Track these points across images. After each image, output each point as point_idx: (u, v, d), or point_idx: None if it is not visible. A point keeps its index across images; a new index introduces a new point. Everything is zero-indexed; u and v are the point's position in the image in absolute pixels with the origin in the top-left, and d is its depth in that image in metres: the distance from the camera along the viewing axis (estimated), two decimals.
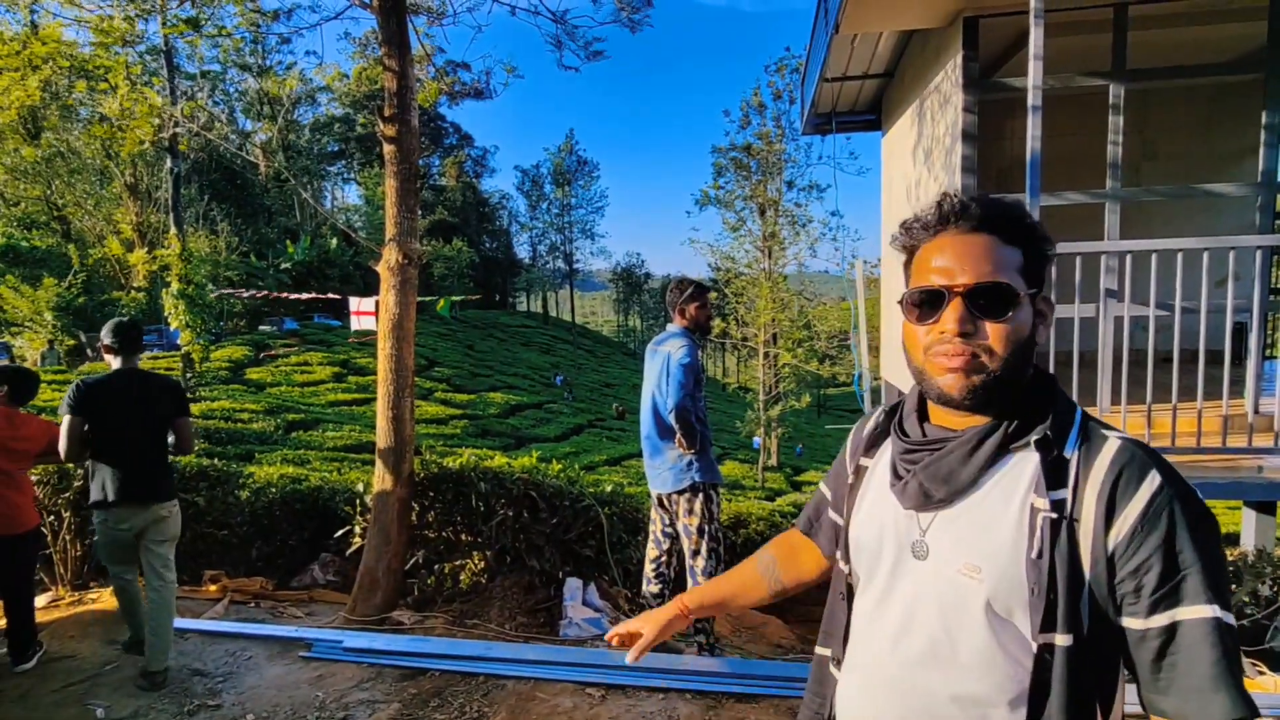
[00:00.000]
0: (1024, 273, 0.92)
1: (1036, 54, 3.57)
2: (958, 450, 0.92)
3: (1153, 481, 0.84)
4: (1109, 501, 0.84)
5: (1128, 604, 0.84)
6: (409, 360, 4.31)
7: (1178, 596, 0.81)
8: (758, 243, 28.47)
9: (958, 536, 0.91)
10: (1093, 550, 0.85)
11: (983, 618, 0.88)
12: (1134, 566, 0.83)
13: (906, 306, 0.96)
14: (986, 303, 0.89)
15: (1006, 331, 0.89)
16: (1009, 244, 0.92)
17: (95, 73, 5.67)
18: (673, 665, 3.40)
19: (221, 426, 14.58)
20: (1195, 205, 6.35)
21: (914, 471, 0.95)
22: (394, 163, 4.15)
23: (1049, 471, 0.87)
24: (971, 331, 0.90)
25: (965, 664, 0.90)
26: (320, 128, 51.56)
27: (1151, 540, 0.82)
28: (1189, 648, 0.80)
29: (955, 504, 0.92)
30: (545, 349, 49.05)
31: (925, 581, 0.94)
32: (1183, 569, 0.81)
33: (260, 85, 41.79)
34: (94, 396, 3.40)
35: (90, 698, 3.28)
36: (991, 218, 0.92)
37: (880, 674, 0.98)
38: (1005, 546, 0.87)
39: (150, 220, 30.10)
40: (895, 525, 0.98)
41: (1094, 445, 0.89)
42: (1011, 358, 0.90)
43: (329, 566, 5.10)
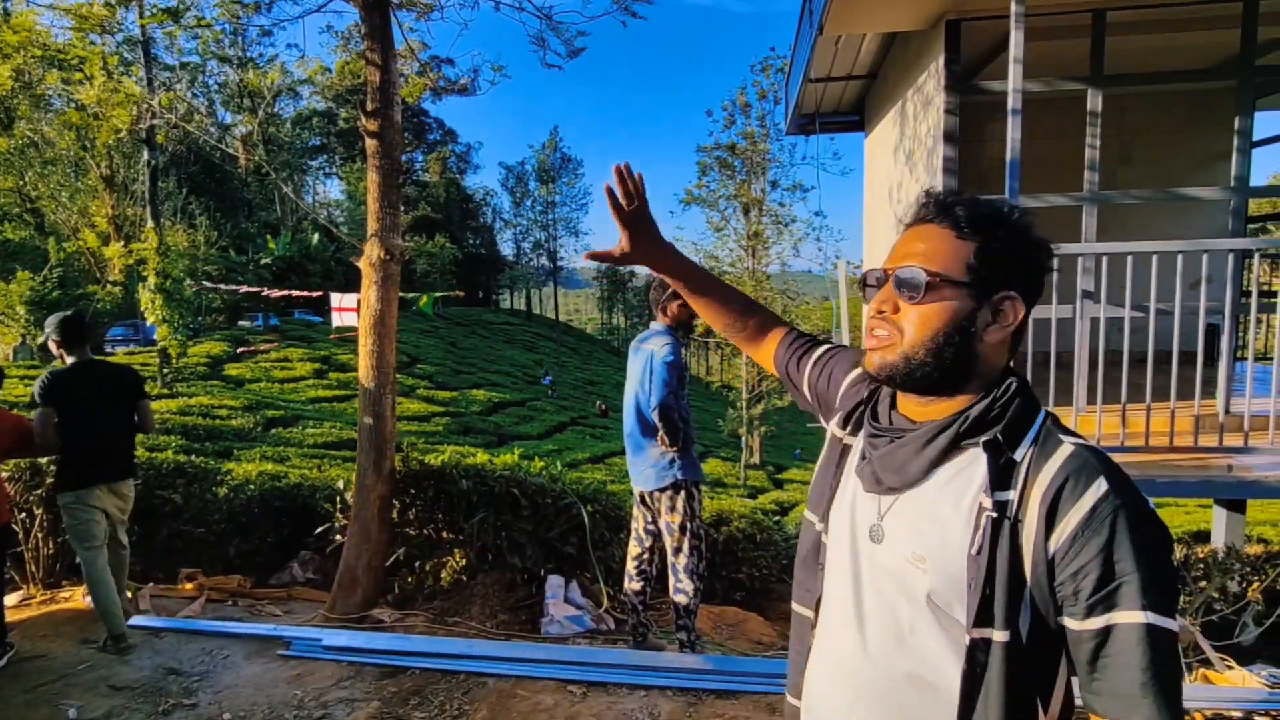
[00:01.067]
0: (975, 267, 0.92)
1: (1017, 57, 3.62)
2: (911, 444, 0.95)
3: (1098, 489, 0.84)
4: (1051, 506, 0.86)
5: (1067, 606, 0.86)
6: (391, 357, 4.28)
7: (1113, 601, 0.82)
8: (742, 242, 28.58)
9: (909, 526, 0.94)
10: (1034, 552, 0.86)
11: (925, 607, 0.91)
12: (1073, 570, 0.84)
13: (865, 289, 1.01)
14: (906, 286, 0.93)
15: (922, 315, 0.92)
16: (962, 238, 0.93)
17: (70, 62, 5.56)
18: (653, 663, 3.41)
19: (199, 423, 14.38)
20: (1170, 209, 6.46)
21: (871, 458, 1.00)
22: (376, 158, 4.12)
23: (997, 473, 0.89)
24: (886, 311, 0.95)
25: (914, 646, 0.93)
26: (302, 121, 50.95)
27: (1091, 546, 0.83)
28: (1120, 652, 0.82)
29: (907, 493, 0.96)
30: (529, 346, 48.87)
31: (880, 565, 0.97)
32: (1119, 576, 0.82)
33: (240, 77, 41.24)
34: (61, 387, 3.61)
35: (62, 698, 3.22)
36: (949, 210, 0.94)
37: (839, 655, 1.02)
38: (951, 541, 0.90)
39: (127, 213, 29.58)
40: (859, 506, 1.02)
41: (1047, 449, 0.90)
42: (928, 342, 0.92)
43: (308, 564, 5.06)
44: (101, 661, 3.55)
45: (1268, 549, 4.14)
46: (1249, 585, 3.91)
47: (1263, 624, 3.79)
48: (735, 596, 5.18)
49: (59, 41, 5.61)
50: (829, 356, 1.26)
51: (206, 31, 4.61)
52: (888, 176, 6.50)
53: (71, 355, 3.70)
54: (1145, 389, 3.66)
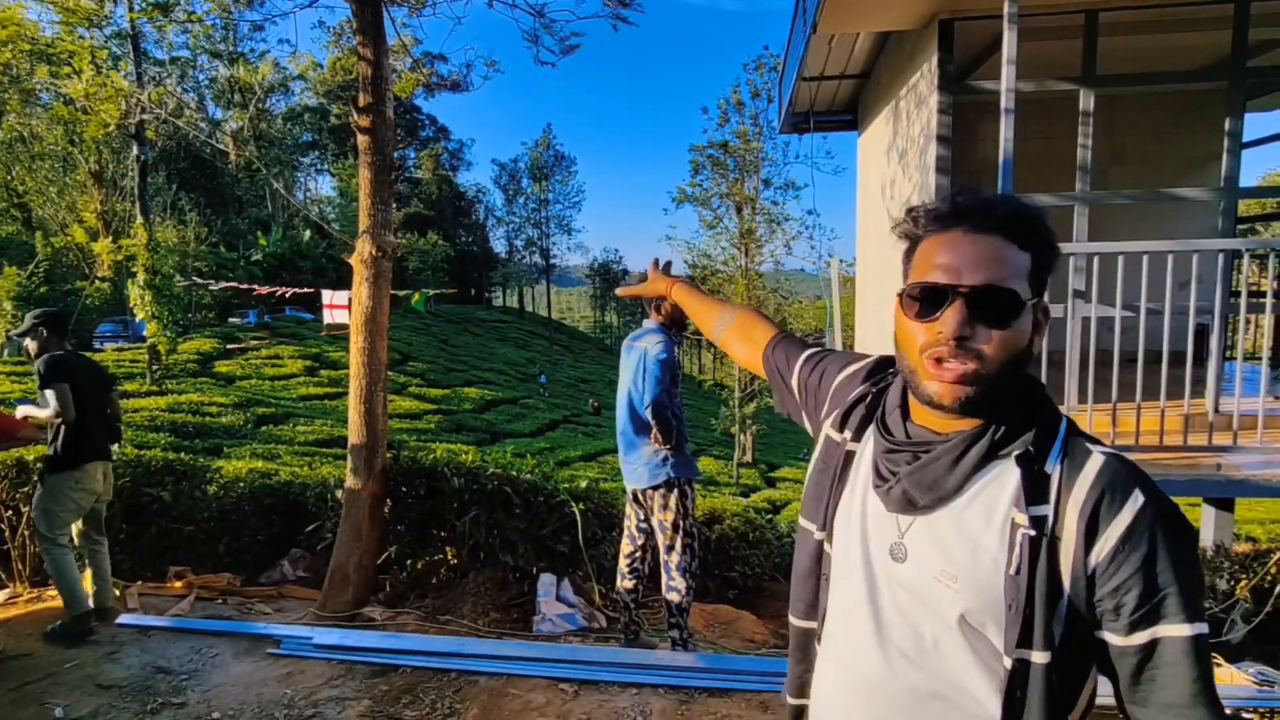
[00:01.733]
0: (1031, 280, 0.88)
1: (1010, 57, 3.63)
2: (944, 458, 0.90)
3: (1135, 502, 0.82)
4: (1090, 520, 0.83)
5: (1108, 620, 0.83)
6: (382, 354, 4.26)
7: (1158, 615, 0.81)
8: (734, 240, 28.60)
9: (937, 544, 0.90)
10: (1073, 569, 0.84)
11: (956, 627, 0.87)
12: (1114, 585, 0.82)
13: (905, 301, 0.91)
14: (990, 308, 0.85)
15: (1006, 339, 0.86)
16: (1022, 249, 0.88)
17: (58, 56, 5.51)
18: (646, 660, 3.40)
19: (189, 420, 14.29)
20: (1161, 209, 6.49)
21: (899, 476, 0.93)
22: (368, 154, 4.09)
23: (1030, 486, 0.85)
24: (969, 336, 0.85)
25: (944, 665, 0.89)
26: (293, 117, 50.67)
27: (1133, 560, 0.81)
28: (1168, 665, 0.81)
29: (938, 510, 0.90)
30: (521, 344, 48.79)
31: (903, 584, 0.92)
32: (1162, 589, 0.80)
33: (231, 73, 40.95)
34: (68, 367, 3.78)
35: (49, 697, 3.20)
36: (1006, 219, 0.88)
37: (862, 669, 0.97)
38: (984, 560, 0.86)
39: (116, 209, 29.37)
40: (875, 523, 0.97)
41: (1077, 460, 0.87)
42: (1006, 366, 0.87)
43: (299, 562, 5.04)
44: (89, 660, 3.52)
45: (1256, 547, 4.17)
46: (1237, 583, 3.94)
47: (1251, 622, 3.82)
48: (728, 595, 5.19)
49: (47, 35, 5.56)
50: (821, 356, 1.24)
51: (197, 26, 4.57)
52: (881, 175, 6.52)
53: (59, 348, 3.82)
54: (1135, 388, 3.68)
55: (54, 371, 3.71)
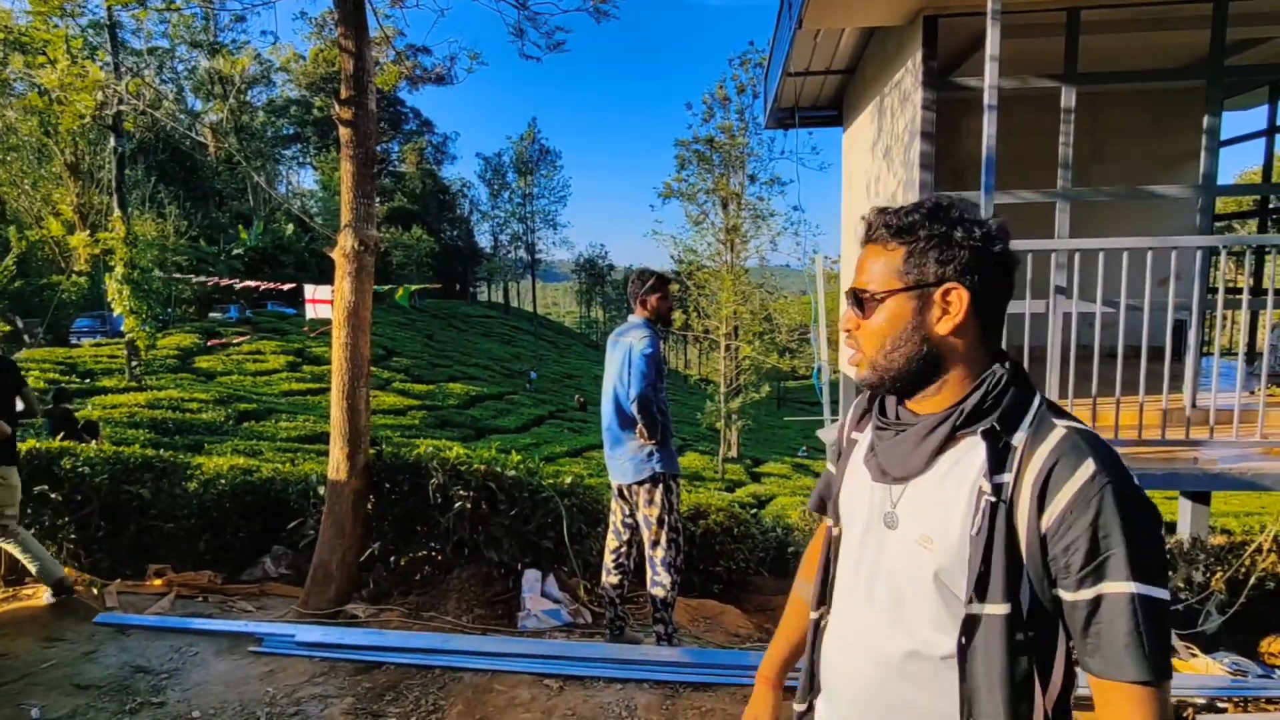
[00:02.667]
0: (907, 270, 0.99)
1: (993, 54, 3.65)
2: (911, 437, 1.03)
3: (1086, 469, 0.90)
4: (1042, 486, 0.92)
5: (1060, 578, 0.92)
6: (365, 349, 4.22)
7: (1101, 573, 0.88)
8: (720, 236, 28.63)
9: (918, 511, 1.01)
10: (1028, 531, 0.93)
11: (932, 584, 0.98)
12: (1064, 546, 0.90)
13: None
14: (855, 305, 1.05)
15: (869, 327, 1.03)
16: (889, 249, 1.01)
17: (33, 45, 5.39)
18: (630, 655, 3.41)
19: (169, 416, 14.12)
20: (1141, 206, 6.57)
21: (877, 451, 1.07)
22: (350, 146, 4.05)
23: (994, 457, 0.95)
24: (851, 329, 1.06)
25: (917, 624, 1.00)
26: (275, 110, 50.06)
27: (1080, 524, 0.89)
28: (1109, 619, 0.88)
29: (913, 481, 1.02)
30: (506, 340, 48.59)
31: (892, 549, 1.04)
32: (1106, 550, 0.88)
33: (211, 64, 40.36)
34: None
35: (25, 698, 3.14)
36: (874, 227, 1.03)
37: (853, 628, 1.09)
38: (954, 523, 0.96)
39: (93, 201, 28.86)
40: (872, 495, 1.08)
41: (1041, 433, 0.95)
42: (884, 349, 1.02)
43: (281, 560, 4.99)
44: (66, 659, 3.47)
45: (1231, 540, 4.24)
46: (1213, 575, 4.00)
47: (1226, 613, 3.88)
48: (713, 589, 5.20)
49: (20, 24, 5.44)
50: (829, 479, 1.27)
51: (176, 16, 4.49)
52: (865, 171, 6.54)
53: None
54: (1115, 383, 3.73)
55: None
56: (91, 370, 18.71)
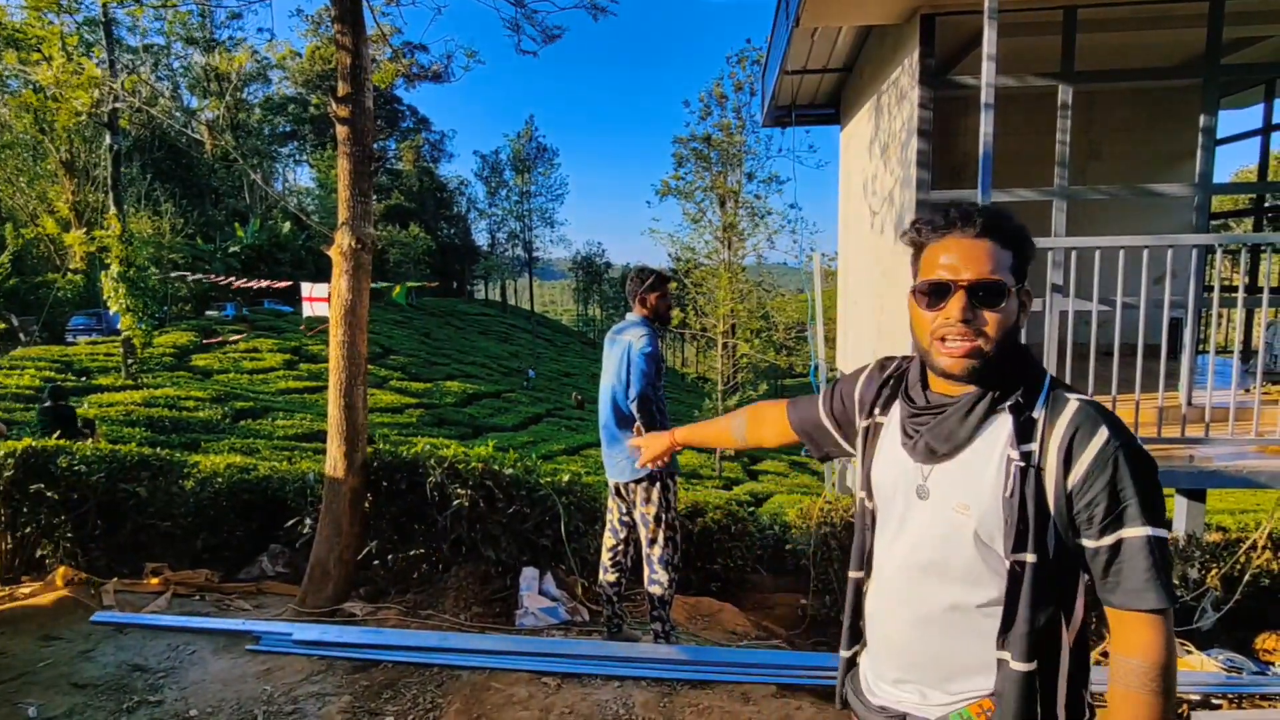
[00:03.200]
0: (1014, 271, 1.14)
1: (990, 53, 3.65)
2: (955, 414, 1.17)
3: (1101, 435, 1.07)
4: (1067, 452, 1.09)
5: (1084, 529, 1.09)
6: (362, 348, 4.22)
7: (1121, 521, 1.06)
8: (717, 233, 28.62)
9: (952, 482, 1.16)
10: (1055, 490, 1.09)
11: (972, 543, 1.14)
12: (1087, 500, 1.08)
13: (917, 295, 1.17)
14: (985, 295, 1.12)
15: (999, 319, 1.12)
16: (1003, 247, 1.14)
17: (27, 42, 5.37)
18: (628, 653, 3.41)
19: (165, 415, 14.08)
20: (1137, 204, 6.58)
21: (921, 433, 1.19)
22: (347, 144, 4.04)
23: (1020, 429, 1.12)
24: (971, 319, 1.12)
25: (956, 578, 1.16)
26: (272, 108, 49.90)
27: (1100, 480, 1.06)
28: (1129, 559, 1.06)
29: (952, 459, 1.16)
30: (504, 337, 48.54)
31: (927, 517, 1.19)
32: (1124, 501, 1.06)
33: (207, 61, 40.20)
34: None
35: (22, 697, 3.14)
36: (991, 225, 1.14)
37: (893, 586, 1.25)
38: (987, 489, 1.13)
39: (88, 199, 28.74)
40: (905, 473, 1.22)
41: (1057, 406, 1.13)
42: (1002, 340, 1.13)
43: (278, 558, 4.98)
44: (63, 658, 3.46)
45: (1226, 536, 4.25)
46: (1208, 572, 4.01)
47: (1221, 610, 3.89)
48: (710, 587, 5.21)
49: (14, 20, 5.41)
50: (833, 390, 1.48)
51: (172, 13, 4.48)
52: (862, 169, 6.54)
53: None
54: (1111, 381, 3.74)
55: None
56: (88, 368, 18.66)
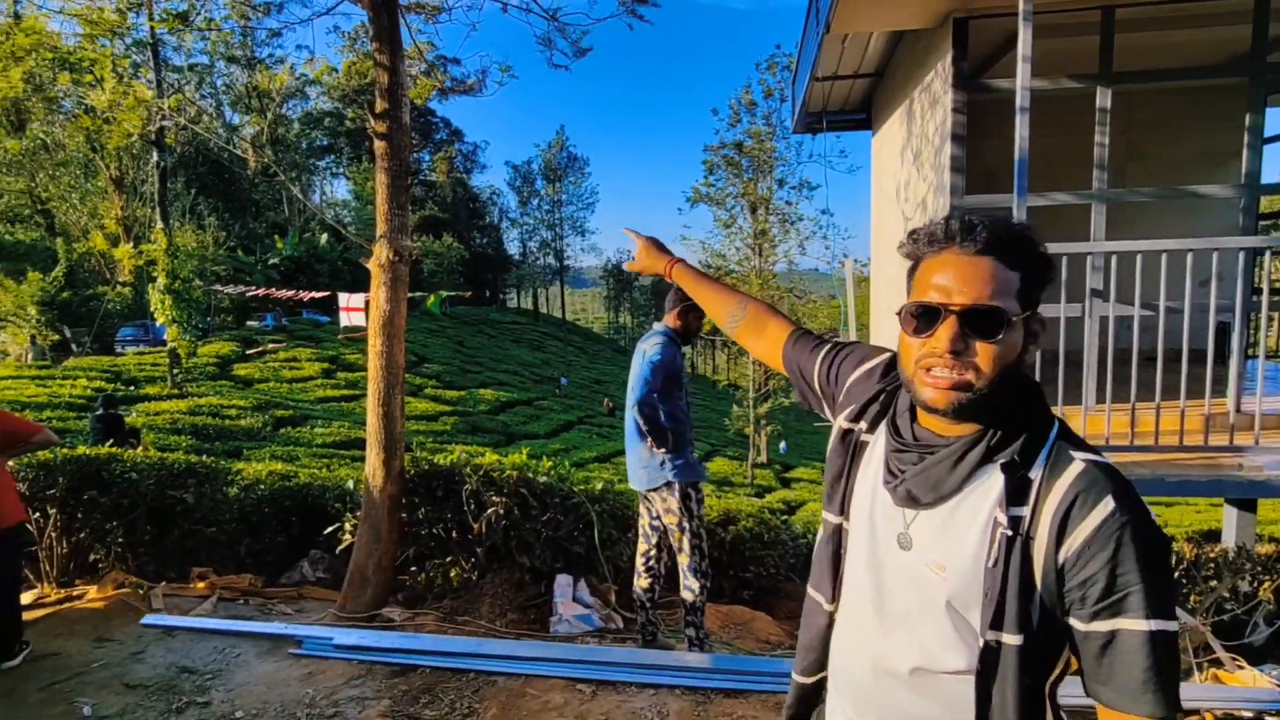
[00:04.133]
0: (1020, 295, 0.96)
1: (1025, 55, 3.61)
2: (945, 460, 0.99)
3: (1106, 506, 0.90)
4: (1062, 522, 0.92)
5: (1074, 609, 0.92)
6: (400, 358, 4.30)
7: (1119, 609, 0.89)
8: (748, 240, 28.55)
9: (932, 536, 1.00)
10: (1044, 563, 0.93)
11: (944, 609, 0.98)
12: (1081, 579, 0.91)
13: (904, 318, 1.01)
14: (979, 324, 0.94)
15: (995, 353, 0.94)
16: (1010, 268, 0.96)
17: (80, 65, 5.60)
18: (662, 661, 3.42)
19: (209, 423, 14.47)
20: (1180, 206, 6.42)
21: (905, 475, 1.02)
22: (385, 159, 4.13)
23: (1011, 490, 0.95)
24: (962, 349, 0.94)
25: (925, 645, 1.01)
26: (309, 122, 51.12)
27: (1098, 559, 0.89)
28: (1125, 654, 0.89)
29: (937, 507, 1.00)
30: (536, 346, 48.92)
31: (904, 569, 1.03)
32: (1124, 587, 0.88)
33: (249, 79, 41.39)
34: None
35: (77, 695, 3.26)
36: (995, 241, 0.95)
37: (861, 632, 1.10)
38: (968, 552, 0.96)
39: (136, 214, 29.74)
40: (886, 514, 1.07)
41: (1059, 467, 0.95)
42: (998, 377, 0.95)
43: (318, 564, 5.09)
44: (115, 659, 3.59)
45: (1279, 548, 4.12)
46: (1260, 585, 3.89)
47: (1274, 624, 3.77)
48: (743, 595, 5.19)
49: (69, 45, 5.66)
50: (836, 350, 1.31)
51: (215, 33, 4.67)
52: (895, 175, 6.49)
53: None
54: (1155, 387, 3.65)
55: None
56: (135, 378, 19.26)
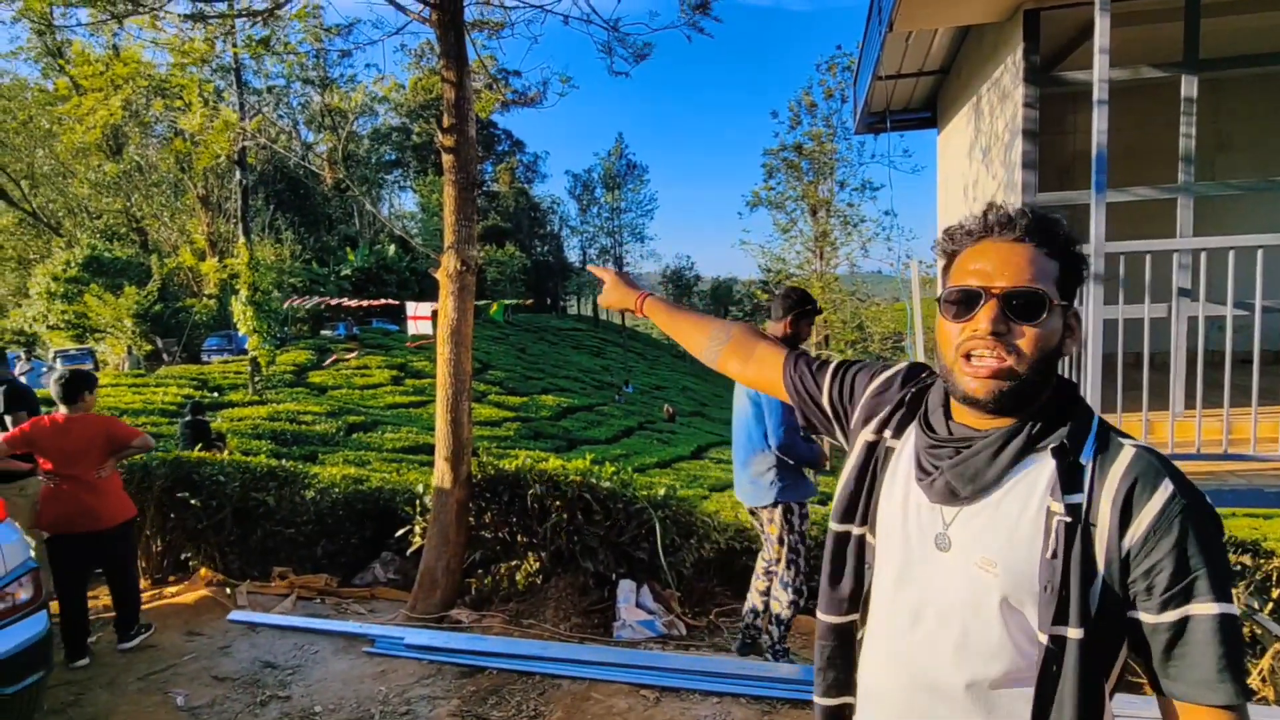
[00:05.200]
0: (1059, 285, 0.96)
1: (1102, 46, 3.46)
2: (984, 451, 0.96)
3: (1166, 489, 0.89)
4: (1124, 507, 0.90)
5: (1140, 600, 0.90)
6: (467, 365, 4.42)
7: (1189, 595, 0.87)
8: (809, 243, 28.19)
9: (977, 532, 0.96)
10: (1107, 551, 0.90)
11: (997, 609, 0.94)
12: (1147, 567, 0.89)
13: (943, 305, 1.00)
14: (1021, 306, 0.93)
15: (1038, 335, 0.93)
16: (1049, 256, 0.96)
17: (172, 91, 5.97)
18: (726, 669, 3.40)
19: (287, 428, 15.11)
20: (1275, 199, 6.02)
21: (941, 469, 0.99)
22: (452, 172, 4.26)
23: (1065, 476, 0.92)
24: (1004, 332, 0.93)
25: (976, 652, 0.96)
26: (378, 137, 53.02)
27: (1164, 544, 0.88)
28: (1198, 641, 0.87)
29: (978, 501, 0.97)
30: (595, 352, 49.32)
31: (946, 572, 0.99)
32: (1193, 571, 0.87)
33: (323, 99, 43.23)
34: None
35: (171, 686, 3.46)
36: (1034, 229, 0.96)
37: (897, 650, 1.04)
38: (1021, 545, 0.93)
39: (220, 230, 31.49)
40: (919, 515, 1.03)
41: (1110, 453, 0.94)
42: (1039, 363, 0.94)
43: (390, 565, 5.26)
44: (204, 653, 3.79)
45: None
46: None
47: None
48: (811, 606, 5.11)
49: (160, 72, 6.04)
50: (845, 368, 1.27)
51: (292, 56, 4.92)
52: (963, 174, 6.31)
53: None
54: (1251, 391, 3.43)
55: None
56: (220, 385, 20.30)
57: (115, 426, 3.94)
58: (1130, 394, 3.60)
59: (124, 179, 30.88)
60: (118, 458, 3.95)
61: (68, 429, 3.77)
